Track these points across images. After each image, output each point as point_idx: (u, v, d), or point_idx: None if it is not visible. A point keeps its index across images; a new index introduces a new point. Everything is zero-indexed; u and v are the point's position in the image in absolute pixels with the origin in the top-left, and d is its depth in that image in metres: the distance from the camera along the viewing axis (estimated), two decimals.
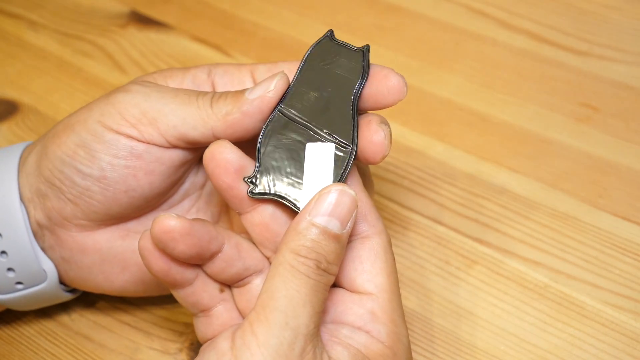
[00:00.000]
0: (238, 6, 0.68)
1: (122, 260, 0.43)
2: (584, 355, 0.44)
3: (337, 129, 0.40)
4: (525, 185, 0.52)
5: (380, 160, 0.40)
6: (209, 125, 0.40)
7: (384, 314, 0.38)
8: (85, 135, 0.41)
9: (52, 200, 0.42)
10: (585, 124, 0.55)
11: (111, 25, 0.67)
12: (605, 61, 0.59)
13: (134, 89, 0.42)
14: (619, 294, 0.46)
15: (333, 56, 0.41)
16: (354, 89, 0.40)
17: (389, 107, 0.40)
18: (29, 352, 0.47)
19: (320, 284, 0.36)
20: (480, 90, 0.58)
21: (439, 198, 0.52)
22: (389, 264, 0.39)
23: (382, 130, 0.39)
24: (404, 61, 0.61)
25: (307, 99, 0.41)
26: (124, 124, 0.41)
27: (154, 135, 0.41)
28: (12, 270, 0.43)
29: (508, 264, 0.48)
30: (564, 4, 0.63)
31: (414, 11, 0.65)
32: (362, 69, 0.40)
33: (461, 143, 0.55)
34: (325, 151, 0.40)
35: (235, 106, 0.40)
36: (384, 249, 0.39)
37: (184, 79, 0.43)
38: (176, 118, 0.40)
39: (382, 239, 0.39)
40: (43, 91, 0.63)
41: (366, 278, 0.38)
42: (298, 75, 0.41)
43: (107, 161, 0.41)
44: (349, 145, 0.40)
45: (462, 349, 0.45)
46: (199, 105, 0.40)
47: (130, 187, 0.41)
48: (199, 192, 0.45)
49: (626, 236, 0.49)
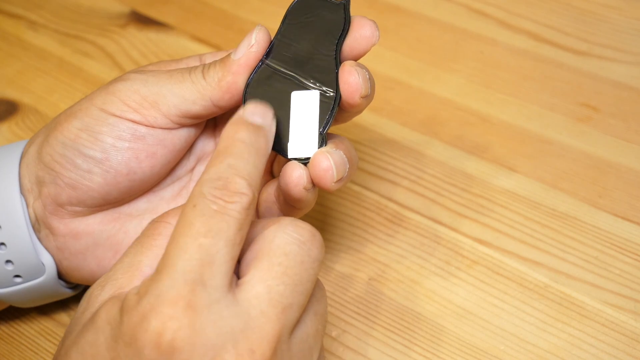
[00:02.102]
0: (238, 6, 0.68)
1: (114, 244, 0.44)
2: (584, 355, 0.44)
3: (321, 78, 0.42)
4: (525, 185, 0.52)
5: (359, 101, 0.41)
6: (207, 96, 0.42)
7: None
8: (88, 120, 0.42)
9: (49, 186, 0.42)
10: (585, 124, 0.55)
11: (111, 25, 0.67)
12: (605, 61, 0.59)
13: (131, 77, 0.43)
14: (619, 294, 0.46)
15: (315, 10, 0.43)
16: (336, 39, 0.42)
17: (365, 53, 0.42)
18: (29, 352, 0.47)
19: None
20: (480, 90, 0.58)
21: (439, 198, 0.52)
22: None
23: (355, 71, 0.41)
24: (404, 61, 0.61)
25: (290, 50, 0.42)
26: (126, 109, 0.42)
27: (158, 118, 0.42)
28: (10, 263, 0.43)
29: (508, 264, 0.48)
30: (564, 4, 0.64)
31: (414, 11, 0.65)
32: (344, 20, 0.42)
33: (461, 143, 0.55)
34: (310, 98, 0.41)
35: (225, 70, 0.42)
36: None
37: (178, 66, 0.45)
38: (175, 97, 0.42)
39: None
40: (43, 91, 0.63)
41: None
42: (281, 29, 0.43)
43: (110, 143, 0.42)
44: (333, 92, 0.41)
45: (462, 349, 0.45)
46: (193, 80, 0.42)
47: (132, 169, 0.42)
48: (189, 175, 0.46)
49: (626, 236, 0.49)
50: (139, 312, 0.33)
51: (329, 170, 0.40)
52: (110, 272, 0.36)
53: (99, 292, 0.36)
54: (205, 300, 0.33)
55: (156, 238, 0.36)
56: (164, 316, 0.32)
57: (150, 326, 0.32)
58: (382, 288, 0.48)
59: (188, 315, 0.32)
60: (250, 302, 0.34)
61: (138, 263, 0.36)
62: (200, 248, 0.33)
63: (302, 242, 0.36)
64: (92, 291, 0.36)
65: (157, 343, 0.32)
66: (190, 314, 0.32)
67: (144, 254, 0.36)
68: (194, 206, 0.34)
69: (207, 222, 0.34)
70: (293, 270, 0.35)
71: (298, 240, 0.36)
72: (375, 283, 0.48)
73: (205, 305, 0.33)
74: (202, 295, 0.33)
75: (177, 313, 0.32)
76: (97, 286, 0.36)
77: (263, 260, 0.35)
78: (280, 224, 0.36)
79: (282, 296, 0.34)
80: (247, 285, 0.34)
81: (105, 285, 0.36)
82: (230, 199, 0.34)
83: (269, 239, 0.35)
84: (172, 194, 0.45)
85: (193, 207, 0.34)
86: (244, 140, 0.36)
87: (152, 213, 0.44)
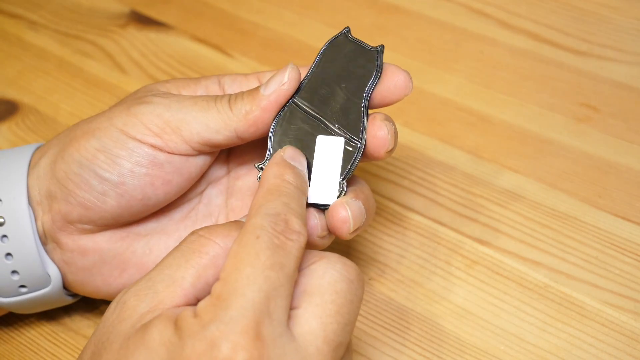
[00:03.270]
0: (238, 6, 0.68)
1: (121, 262, 0.43)
2: (584, 355, 0.44)
3: (347, 124, 0.41)
4: (525, 185, 0.52)
5: (384, 155, 0.41)
6: (232, 127, 0.41)
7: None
8: (107, 141, 0.41)
9: (60, 202, 0.42)
10: (585, 124, 0.55)
11: (111, 25, 0.67)
12: (605, 61, 0.59)
13: (154, 100, 0.42)
14: (619, 294, 0.46)
15: (348, 53, 0.42)
16: (366, 87, 0.42)
17: (396, 102, 0.42)
18: (29, 352, 0.47)
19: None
20: (480, 90, 0.58)
21: (439, 198, 0.52)
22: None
23: (385, 126, 0.41)
24: (404, 61, 0.61)
25: (320, 92, 0.42)
26: (148, 133, 0.41)
27: (178, 144, 0.41)
28: (16, 273, 0.43)
29: (508, 264, 0.48)
30: (564, 4, 0.64)
31: (414, 11, 0.65)
32: (376, 67, 0.42)
33: (461, 143, 0.55)
34: (335, 145, 0.41)
35: (254, 104, 0.41)
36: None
37: (197, 89, 0.44)
38: (199, 125, 0.41)
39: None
40: (43, 91, 0.63)
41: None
42: (313, 69, 0.42)
43: (128, 168, 0.41)
44: (357, 141, 0.41)
45: (462, 349, 0.45)
46: (219, 109, 0.41)
47: (147, 195, 0.42)
48: (199, 197, 0.46)
49: (626, 236, 0.49)
50: (207, 338, 0.32)
51: (347, 222, 0.40)
52: (148, 282, 0.36)
53: (135, 301, 0.35)
54: (271, 333, 0.33)
55: (202, 257, 0.36)
56: (235, 345, 0.32)
57: (220, 354, 0.32)
58: (382, 288, 0.48)
59: (257, 347, 0.32)
60: (306, 337, 0.34)
61: (181, 279, 0.36)
62: (267, 280, 0.34)
63: (351, 280, 0.36)
64: (127, 299, 0.36)
65: None
66: (260, 346, 0.32)
67: (187, 271, 0.36)
68: (257, 237, 0.35)
69: (272, 255, 0.34)
70: (344, 309, 0.36)
71: (347, 279, 0.36)
72: (375, 283, 0.48)
73: (272, 338, 0.33)
74: (269, 328, 0.33)
75: (248, 343, 0.32)
76: (133, 294, 0.36)
77: (315, 296, 0.35)
78: (330, 260, 0.37)
79: (335, 334, 0.35)
80: (301, 319, 0.35)
81: (144, 295, 0.35)
82: (290, 236, 0.35)
83: (318, 274, 0.36)
84: (181, 216, 0.45)
85: (256, 239, 0.35)
86: (292, 182, 0.38)
87: (160, 233, 0.44)
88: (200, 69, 0.63)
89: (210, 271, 0.36)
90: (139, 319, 0.35)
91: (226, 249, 0.36)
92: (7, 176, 0.43)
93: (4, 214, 0.42)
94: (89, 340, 0.36)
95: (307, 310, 0.35)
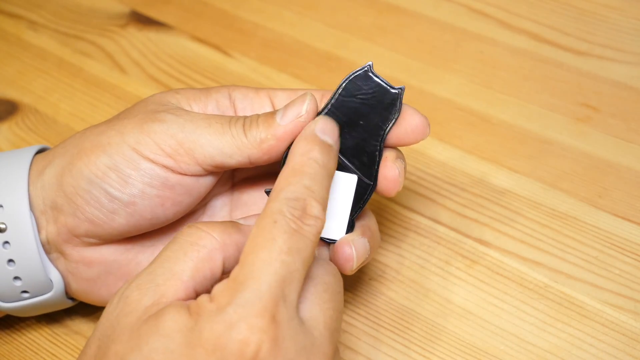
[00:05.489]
0: (238, 6, 0.68)
1: (126, 273, 0.43)
2: (584, 355, 0.44)
3: (361, 163, 0.42)
4: (525, 185, 0.52)
5: (394, 195, 0.42)
6: (245, 153, 0.41)
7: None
8: (118, 159, 0.41)
9: (67, 216, 0.42)
10: (585, 124, 0.55)
11: (111, 25, 0.67)
12: (605, 61, 0.59)
13: (168, 118, 0.42)
14: (619, 294, 0.46)
15: (369, 89, 0.42)
16: (384, 129, 0.42)
17: (411, 145, 0.42)
18: (29, 352, 0.47)
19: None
20: (480, 90, 0.58)
21: (439, 198, 0.52)
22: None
23: (397, 167, 0.42)
24: (404, 61, 0.61)
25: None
26: (161, 153, 0.41)
27: (191, 165, 0.41)
28: (18, 279, 0.43)
29: (508, 264, 0.48)
30: (564, 4, 0.63)
31: (414, 11, 0.65)
32: (395, 110, 0.42)
33: (461, 143, 0.55)
34: (348, 182, 0.42)
35: (269, 133, 0.41)
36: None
37: (207, 103, 0.44)
38: (213, 149, 0.41)
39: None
40: (43, 91, 0.63)
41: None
42: (332, 102, 0.42)
43: (139, 189, 0.41)
44: (370, 182, 0.42)
45: (462, 349, 0.45)
46: (233, 134, 0.41)
47: (156, 215, 0.42)
48: (202, 209, 0.46)
49: (626, 236, 0.49)
50: (224, 320, 0.33)
51: (350, 260, 0.41)
52: (149, 275, 0.36)
53: (138, 295, 0.35)
54: (285, 315, 0.34)
55: (200, 250, 0.37)
56: (252, 327, 0.33)
57: (239, 335, 0.33)
58: (382, 288, 0.48)
59: (273, 328, 0.33)
60: (311, 322, 0.36)
61: (180, 272, 0.36)
62: (283, 265, 0.34)
63: (334, 274, 0.38)
64: (130, 293, 0.36)
65: (242, 352, 0.33)
66: (275, 328, 0.33)
67: (186, 263, 0.36)
68: (274, 222, 0.35)
69: (288, 240, 0.35)
70: (336, 297, 0.37)
71: (331, 273, 0.38)
72: (375, 283, 0.48)
73: (286, 320, 0.34)
74: (283, 311, 0.34)
75: (264, 325, 0.33)
76: (135, 288, 0.36)
77: (310, 286, 0.37)
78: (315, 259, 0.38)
79: (332, 320, 0.36)
80: (305, 305, 0.36)
81: (145, 289, 0.36)
82: (307, 221, 0.36)
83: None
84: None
85: (274, 223, 0.35)
86: (318, 161, 0.38)
87: (165, 244, 0.44)
88: (200, 69, 0.63)
89: (207, 264, 0.37)
90: (144, 311, 0.35)
91: (223, 244, 0.37)
92: (7, 182, 0.42)
93: (6, 220, 0.42)
94: (92, 336, 0.36)
95: (307, 297, 0.36)
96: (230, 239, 0.37)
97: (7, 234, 0.42)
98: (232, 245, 0.37)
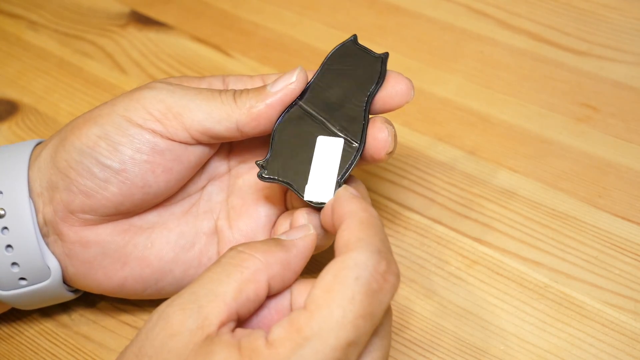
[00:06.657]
0: (238, 6, 0.68)
1: (123, 255, 0.44)
2: (584, 355, 0.44)
3: (348, 126, 0.42)
4: (525, 185, 0.52)
5: (384, 157, 0.42)
6: (234, 118, 0.42)
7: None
8: (108, 127, 0.42)
9: (62, 192, 0.42)
10: (585, 124, 0.55)
11: (111, 25, 0.67)
12: (605, 61, 0.59)
13: (158, 86, 0.43)
14: (619, 294, 0.46)
15: (353, 59, 0.44)
16: (368, 91, 0.43)
17: (397, 108, 0.43)
18: (29, 352, 0.47)
19: None
20: (480, 90, 0.58)
21: (439, 198, 0.52)
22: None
23: (385, 128, 0.42)
24: (404, 61, 0.61)
25: (324, 95, 0.43)
26: (149, 118, 0.42)
27: (179, 130, 0.42)
28: (16, 265, 0.43)
29: (508, 264, 0.48)
30: (564, 4, 0.64)
31: (414, 11, 0.65)
32: (379, 74, 0.43)
33: (461, 143, 0.55)
34: (334, 145, 0.42)
35: (259, 99, 0.42)
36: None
37: (200, 84, 0.45)
38: (201, 112, 0.42)
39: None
40: (43, 91, 0.63)
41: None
42: (319, 73, 0.43)
43: (129, 155, 0.42)
44: (357, 143, 0.42)
45: (462, 349, 0.45)
46: (223, 100, 0.42)
47: (147, 183, 0.42)
48: (199, 193, 0.46)
49: (626, 236, 0.49)
50: None
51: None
52: (191, 296, 0.36)
53: (182, 316, 0.35)
54: None
55: (243, 272, 0.36)
56: None
57: None
58: None
59: None
60: None
61: (223, 294, 0.36)
62: (355, 329, 0.34)
63: (387, 348, 0.38)
64: (172, 312, 0.35)
65: None
66: None
67: (230, 285, 0.36)
68: (356, 278, 0.34)
69: (367, 303, 0.34)
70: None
71: (385, 347, 0.38)
72: None
73: None
74: None
75: None
76: (178, 308, 0.35)
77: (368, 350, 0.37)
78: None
79: None
80: None
81: (189, 310, 0.35)
82: (389, 277, 0.35)
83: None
84: (182, 210, 0.45)
85: (355, 280, 0.34)
86: (378, 218, 0.37)
87: (161, 227, 0.44)
88: (200, 69, 0.63)
89: (251, 285, 0.36)
90: (189, 336, 0.34)
91: (267, 264, 0.36)
92: (8, 169, 0.43)
93: (5, 206, 0.42)
94: (127, 351, 0.36)
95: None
96: (274, 257, 0.37)
97: (5, 219, 0.42)
98: (276, 264, 0.37)
